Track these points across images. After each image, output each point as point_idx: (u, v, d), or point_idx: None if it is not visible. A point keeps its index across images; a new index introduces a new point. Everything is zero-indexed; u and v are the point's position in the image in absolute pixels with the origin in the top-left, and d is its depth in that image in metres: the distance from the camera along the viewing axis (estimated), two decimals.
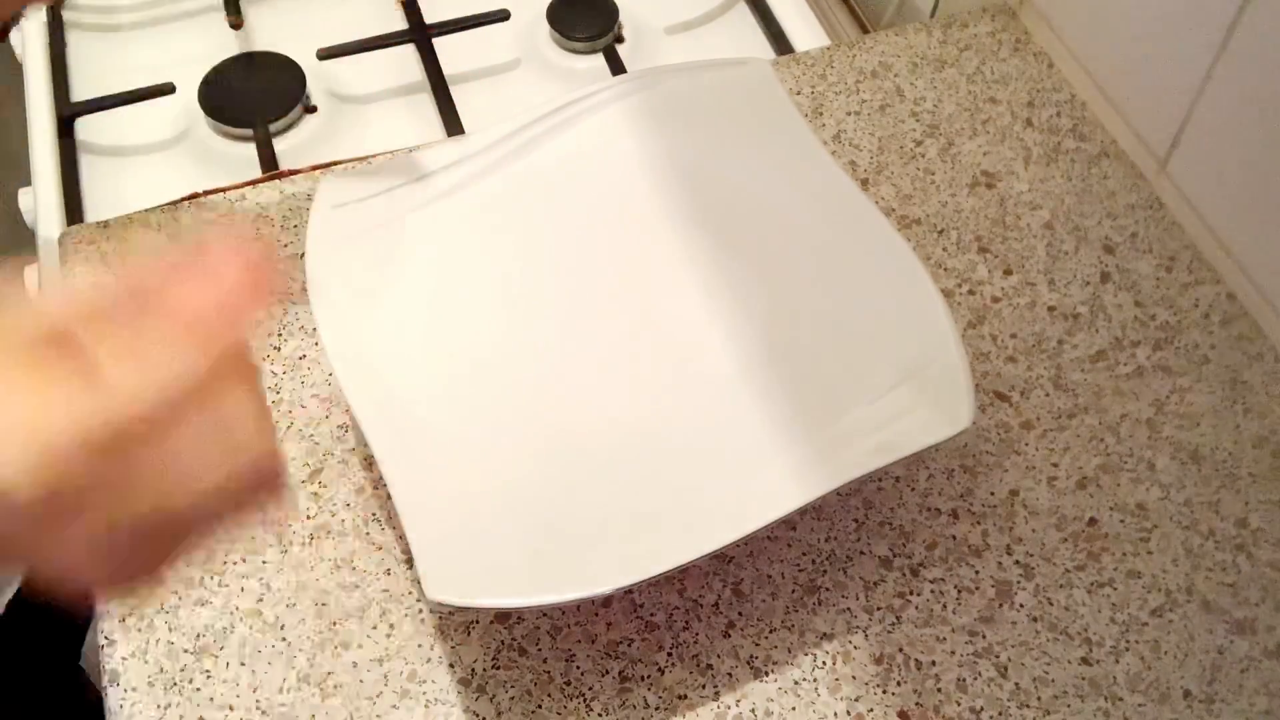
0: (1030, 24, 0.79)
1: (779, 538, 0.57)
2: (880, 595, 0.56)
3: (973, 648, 0.54)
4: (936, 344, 0.54)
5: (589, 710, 0.52)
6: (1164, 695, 0.53)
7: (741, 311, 0.58)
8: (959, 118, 0.74)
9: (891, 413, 0.52)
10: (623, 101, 0.63)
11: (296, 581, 0.55)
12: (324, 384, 0.61)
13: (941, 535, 0.58)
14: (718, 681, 0.53)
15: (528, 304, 0.59)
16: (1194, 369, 0.64)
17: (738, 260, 0.60)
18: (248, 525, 0.31)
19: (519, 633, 0.54)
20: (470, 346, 0.57)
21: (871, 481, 0.59)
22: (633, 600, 0.55)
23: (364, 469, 0.59)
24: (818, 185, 0.60)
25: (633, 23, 0.88)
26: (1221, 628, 0.55)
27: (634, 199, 0.62)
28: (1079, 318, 0.65)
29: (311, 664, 0.53)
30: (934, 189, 0.71)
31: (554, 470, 0.53)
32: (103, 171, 0.80)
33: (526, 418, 0.55)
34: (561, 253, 0.61)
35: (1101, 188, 0.71)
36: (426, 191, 0.60)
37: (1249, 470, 0.60)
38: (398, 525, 0.56)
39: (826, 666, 0.54)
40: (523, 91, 0.85)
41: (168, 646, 0.53)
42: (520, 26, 0.88)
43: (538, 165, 0.62)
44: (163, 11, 0.90)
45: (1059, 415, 0.62)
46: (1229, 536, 0.58)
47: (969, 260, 0.68)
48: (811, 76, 0.76)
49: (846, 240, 0.58)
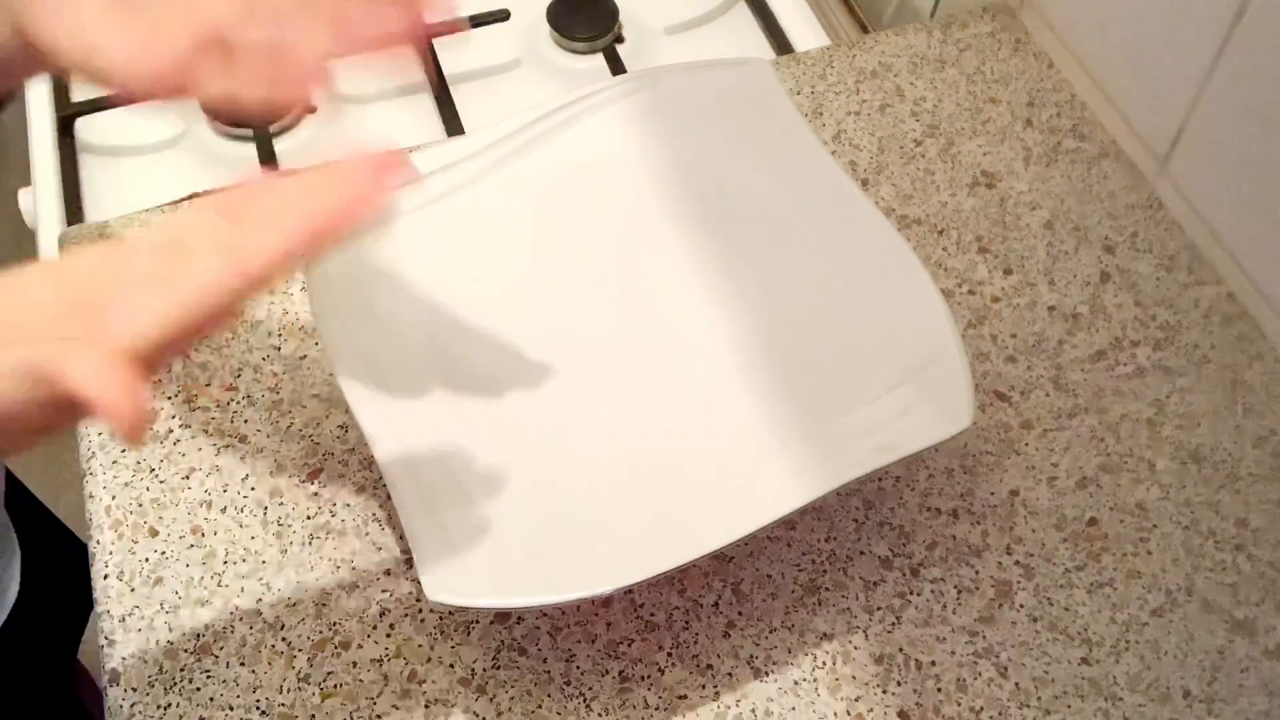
0: (1030, 24, 0.79)
1: (779, 538, 0.57)
2: (880, 595, 0.56)
3: (973, 648, 0.54)
4: (936, 344, 0.54)
5: (589, 710, 0.52)
6: (1164, 695, 0.53)
7: (741, 311, 0.58)
8: (959, 118, 0.74)
9: (891, 413, 0.52)
10: (623, 102, 0.63)
11: (296, 581, 0.55)
12: (324, 384, 0.61)
13: (941, 535, 0.58)
14: (718, 681, 0.53)
15: (527, 304, 0.59)
16: (1194, 369, 0.64)
17: (738, 261, 0.60)
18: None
19: (519, 633, 0.54)
20: (470, 347, 0.57)
21: (871, 481, 0.59)
22: (633, 600, 0.55)
23: (364, 469, 0.59)
24: (818, 185, 0.60)
25: (633, 23, 0.88)
26: (1221, 628, 0.55)
27: (634, 199, 0.62)
28: (1079, 318, 0.65)
29: (311, 664, 0.53)
30: (934, 189, 0.71)
31: (554, 471, 0.53)
32: (103, 171, 0.80)
33: (526, 418, 0.55)
34: (561, 253, 0.61)
35: (1101, 188, 0.71)
36: (426, 192, 0.60)
37: (1249, 470, 0.60)
38: (398, 525, 0.56)
39: (826, 666, 0.54)
40: (523, 91, 0.85)
41: (167, 646, 0.53)
42: (520, 26, 0.88)
43: (538, 165, 0.62)
44: None
45: (1059, 415, 0.62)
46: (1229, 536, 0.58)
47: (969, 260, 0.68)
48: (811, 76, 0.76)
49: (846, 240, 0.58)
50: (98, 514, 0.57)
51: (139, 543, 0.56)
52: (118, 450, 0.59)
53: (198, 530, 0.56)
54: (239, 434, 0.59)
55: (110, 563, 0.55)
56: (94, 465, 0.58)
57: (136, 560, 0.55)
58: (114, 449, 0.59)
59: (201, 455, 0.59)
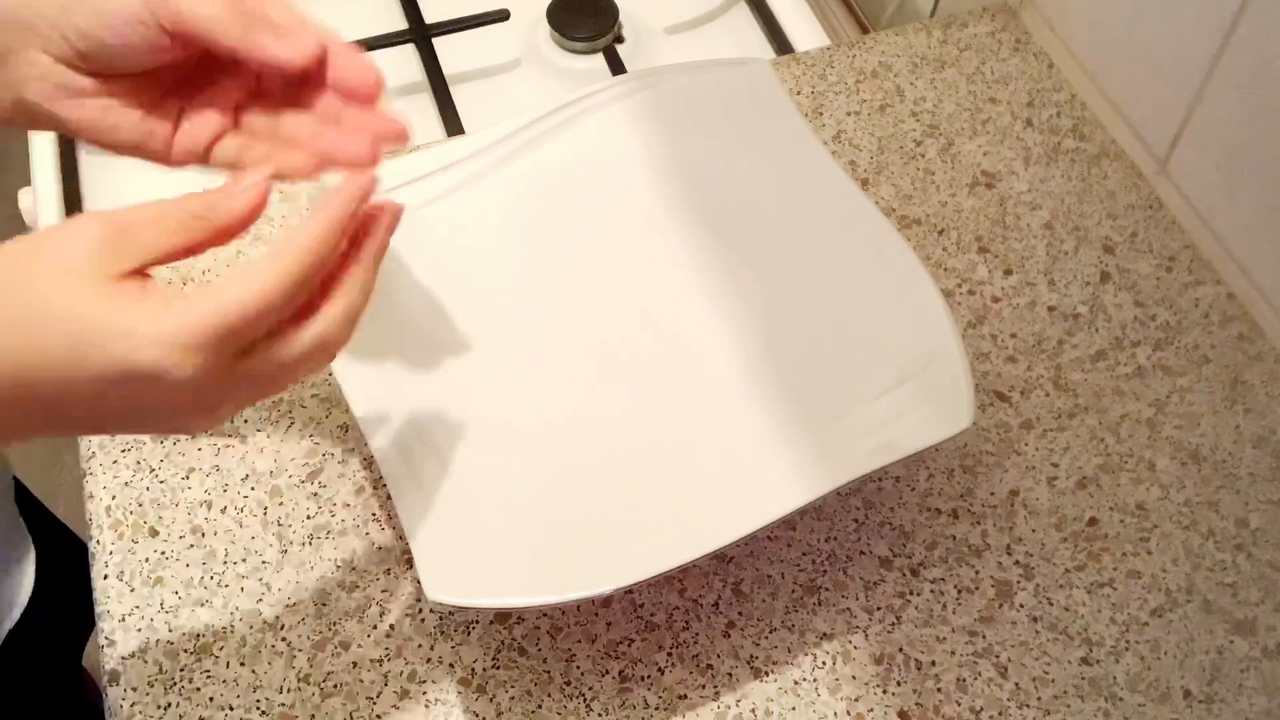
0: (1030, 24, 0.79)
1: (779, 538, 0.57)
2: (880, 595, 0.56)
3: (973, 648, 0.54)
4: (937, 344, 0.54)
5: (589, 710, 0.52)
6: (1164, 695, 0.53)
7: (742, 311, 0.58)
8: (959, 118, 0.74)
9: (892, 412, 0.52)
10: (623, 101, 0.63)
11: (296, 581, 0.55)
12: (324, 384, 0.61)
13: (941, 535, 0.58)
14: (718, 681, 0.53)
15: (528, 304, 0.59)
16: (1194, 369, 0.64)
17: (738, 260, 0.60)
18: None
19: (519, 633, 0.54)
20: (470, 346, 0.57)
21: (871, 481, 0.59)
22: (633, 600, 0.55)
23: (364, 469, 0.59)
24: (818, 185, 0.60)
25: (633, 23, 0.88)
26: (1221, 628, 0.55)
27: (634, 199, 0.62)
28: (1079, 318, 0.65)
29: (311, 664, 0.53)
30: (934, 189, 0.71)
31: (554, 470, 0.53)
32: (103, 171, 0.80)
33: (526, 418, 0.55)
34: (562, 253, 0.61)
35: (1101, 188, 0.71)
36: (426, 192, 0.60)
37: (1249, 470, 0.60)
38: (398, 525, 0.56)
39: (826, 666, 0.54)
40: (523, 91, 0.85)
41: (167, 646, 0.53)
42: (520, 26, 0.88)
43: (537, 166, 0.62)
44: None
45: (1059, 415, 0.62)
46: (1229, 536, 0.58)
47: (969, 260, 0.68)
48: (811, 76, 0.76)
49: (846, 240, 0.58)
50: (98, 514, 0.57)
51: (139, 543, 0.56)
52: (118, 450, 0.59)
53: (198, 530, 0.56)
54: (239, 434, 0.59)
55: (110, 563, 0.55)
56: (94, 465, 0.58)
57: (136, 560, 0.55)
58: (114, 449, 0.59)
59: (201, 455, 0.59)
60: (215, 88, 0.46)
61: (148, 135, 0.45)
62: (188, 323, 0.36)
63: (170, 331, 0.36)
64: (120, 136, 0.45)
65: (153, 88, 0.46)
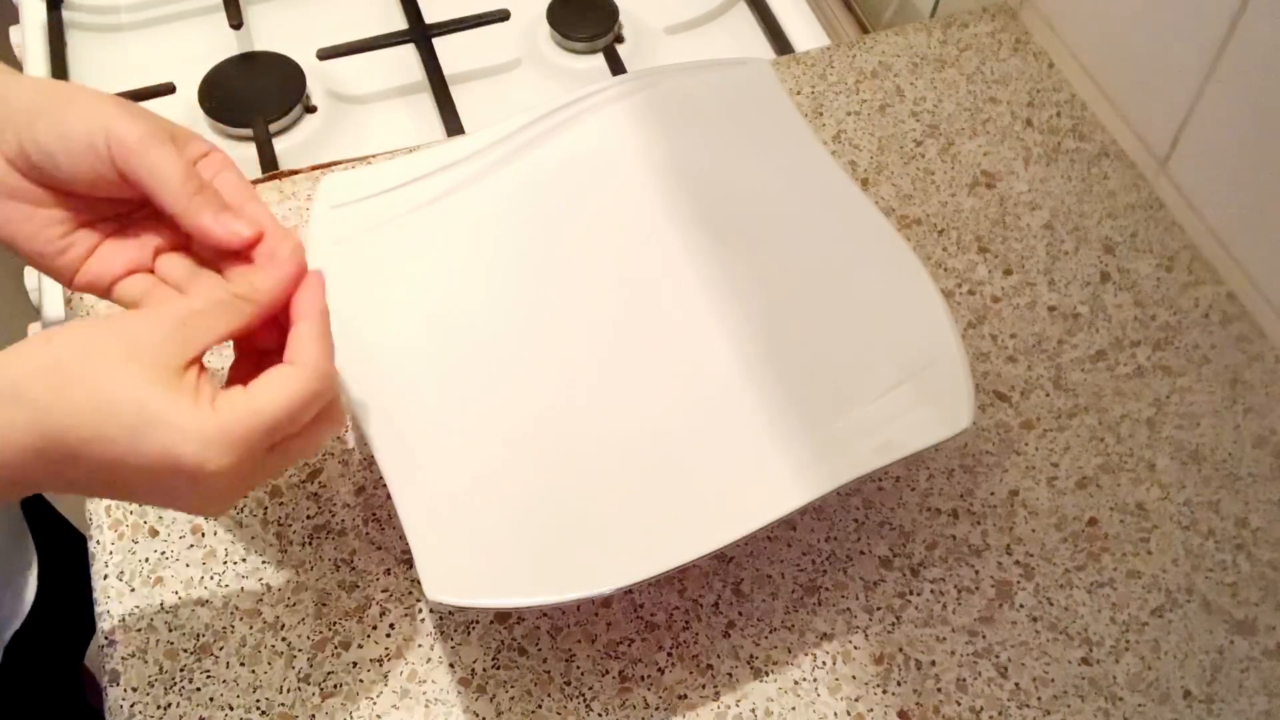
0: (1030, 24, 0.79)
1: (779, 538, 0.57)
2: (880, 595, 0.56)
3: (973, 648, 0.54)
4: (936, 344, 0.54)
5: (589, 710, 0.52)
6: (1164, 695, 0.53)
7: (741, 311, 0.58)
8: (959, 118, 0.74)
9: (891, 412, 0.52)
10: (623, 101, 0.63)
11: (296, 581, 0.55)
12: None
13: (941, 535, 0.58)
14: (718, 681, 0.53)
15: (528, 304, 0.59)
16: (1194, 369, 0.64)
17: (737, 260, 0.60)
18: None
19: (519, 633, 0.54)
20: (470, 347, 0.57)
21: (871, 481, 0.59)
22: (633, 600, 0.55)
23: (364, 469, 0.59)
24: (818, 185, 0.60)
25: (633, 23, 0.88)
26: (1221, 628, 0.55)
27: (634, 199, 0.62)
28: (1079, 318, 0.65)
29: (311, 664, 0.53)
30: (934, 189, 0.71)
31: (554, 470, 0.53)
32: None
33: (526, 418, 0.55)
34: (562, 253, 0.61)
35: (1101, 188, 0.71)
36: (426, 192, 0.60)
37: (1249, 470, 0.60)
38: (398, 525, 0.56)
39: (826, 666, 0.54)
40: (523, 91, 0.85)
41: (168, 646, 0.53)
42: (520, 26, 0.88)
43: (537, 165, 0.62)
44: (163, 11, 0.90)
45: (1059, 415, 0.62)
46: (1229, 536, 0.58)
47: (969, 260, 0.68)
48: (811, 76, 0.76)
49: (846, 240, 0.58)
50: (98, 514, 0.57)
51: (139, 543, 0.56)
52: None
53: (198, 530, 0.56)
54: None
55: (110, 563, 0.55)
56: None
57: (136, 560, 0.55)
58: None
59: None
60: (144, 225, 0.47)
61: (59, 252, 0.46)
62: (226, 423, 0.40)
63: (214, 429, 0.40)
64: (34, 245, 0.46)
65: (86, 210, 0.46)
